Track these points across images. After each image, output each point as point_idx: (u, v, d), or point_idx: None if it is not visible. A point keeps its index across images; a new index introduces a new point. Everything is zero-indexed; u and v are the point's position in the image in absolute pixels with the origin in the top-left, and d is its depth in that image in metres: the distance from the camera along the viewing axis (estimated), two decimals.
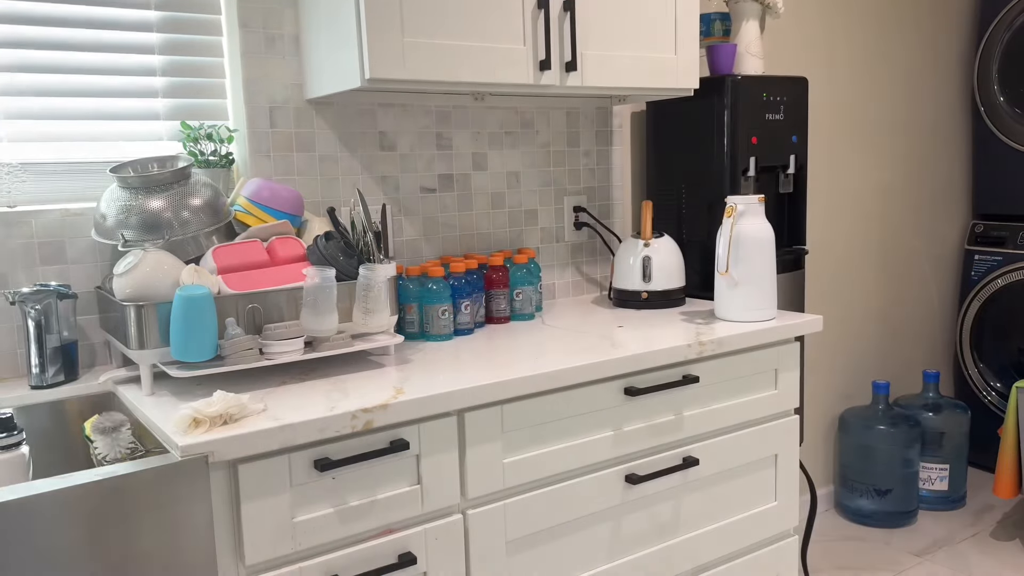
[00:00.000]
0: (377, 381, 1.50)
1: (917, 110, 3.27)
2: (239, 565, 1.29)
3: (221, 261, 1.56)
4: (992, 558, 2.68)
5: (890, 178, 3.21)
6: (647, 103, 2.41)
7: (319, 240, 1.65)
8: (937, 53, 3.31)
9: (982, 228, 3.36)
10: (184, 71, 1.85)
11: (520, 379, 1.51)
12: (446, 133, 2.13)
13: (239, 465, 1.26)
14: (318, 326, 1.53)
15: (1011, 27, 3.19)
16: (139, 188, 1.59)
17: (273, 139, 1.89)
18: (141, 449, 1.45)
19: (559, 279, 2.37)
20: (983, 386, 3.32)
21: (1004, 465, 2.66)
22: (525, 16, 1.82)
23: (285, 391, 1.46)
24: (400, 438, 1.40)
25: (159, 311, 1.44)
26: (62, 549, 1.13)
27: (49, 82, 1.71)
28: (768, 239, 1.87)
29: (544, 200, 2.31)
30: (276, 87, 1.88)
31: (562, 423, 1.59)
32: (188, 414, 1.25)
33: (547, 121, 2.29)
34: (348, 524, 1.37)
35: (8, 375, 1.65)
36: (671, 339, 1.75)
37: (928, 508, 3.06)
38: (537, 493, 1.57)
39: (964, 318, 3.37)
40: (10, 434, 1.41)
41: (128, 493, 1.17)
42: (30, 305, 1.57)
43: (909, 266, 3.34)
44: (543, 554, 1.61)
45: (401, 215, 2.08)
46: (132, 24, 1.77)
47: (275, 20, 1.86)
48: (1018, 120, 3.20)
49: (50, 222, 1.67)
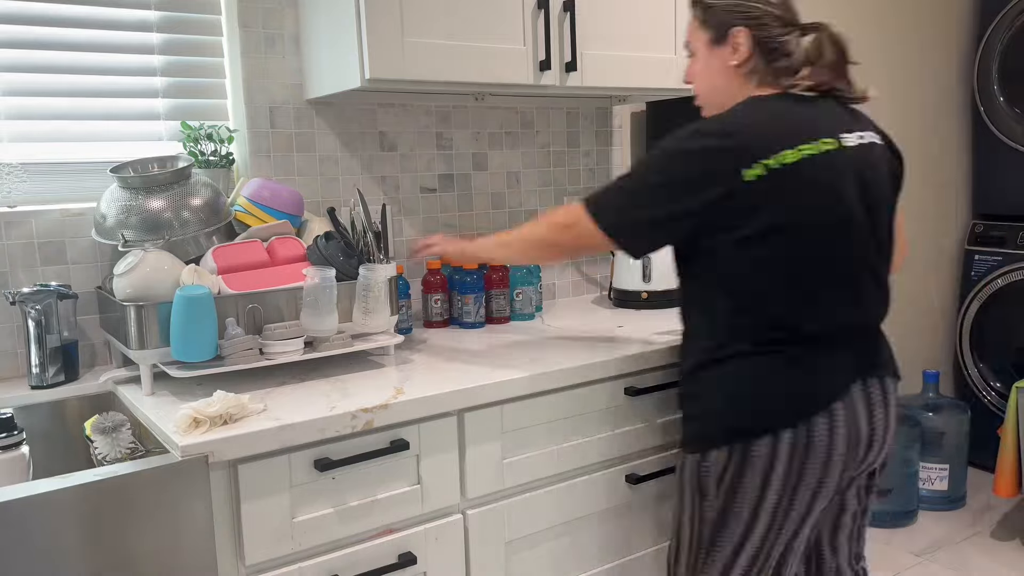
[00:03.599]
0: (377, 381, 1.50)
1: (917, 110, 3.27)
2: (239, 565, 1.29)
3: (221, 261, 1.56)
4: (992, 558, 2.68)
5: None
6: (647, 103, 2.41)
7: (319, 240, 1.65)
8: (937, 53, 3.31)
9: (982, 228, 3.36)
10: (184, 71, 1.85)
11: (520, 379, 1.51)
12: (446, 133, 2.13)
13: (239, 465, 1.26)
14: (318, 326, 1.53)
15: (1011, 27, 3.19)
16: (139, 188, 1.59)
17: (273, 139, 1.89)
18: (141, 449, 1.45)
19: (559, 279, 2.37)
20: (983, 386, 3.31)
21: (1004, 465, 2.66)
22: (525, 16, 1.82)
23: (285, 391, 1.46)
24: (400, 438, 1.40)
25: (159, 311, 1.44)
26: (62, 549, 1.13)
27: (49, 82, 1.71)
28: None
29: (544, 200, 2.31)
30: (276, 87, 1.88)
31: (562, 423, 1.59)
32: (188, 414, 1.25)
33: (547, 121, 2.30)
34: (348, 524, 1.37)
35: (8, 375, 1.65)
36: (672, 339, 1.75)
37: (928, 508, 3.06)
38: (537, 493, 1.57)
39: (964, 318, 3.37)
40: (10, 434, 1.41)
41: (128, 493, 1.17)
42: (30, 305, 1.57)
43: (909, 266, 3.34)
44: (543, 554, 1.61)
45: (401, 215, 2.08)
46: (132, 24, 1.77)
47: (275, 20, 1.86)
48: (1018, 120, 3.20)
49: (50, 222, 1.67)
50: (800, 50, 1.41)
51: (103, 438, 1.44)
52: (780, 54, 1.41)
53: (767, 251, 1.34)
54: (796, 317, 1.36)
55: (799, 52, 1.41)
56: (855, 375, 1.39)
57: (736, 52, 1.43)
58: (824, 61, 1.40)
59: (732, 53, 1.43)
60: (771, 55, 1.42)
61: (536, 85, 1.86)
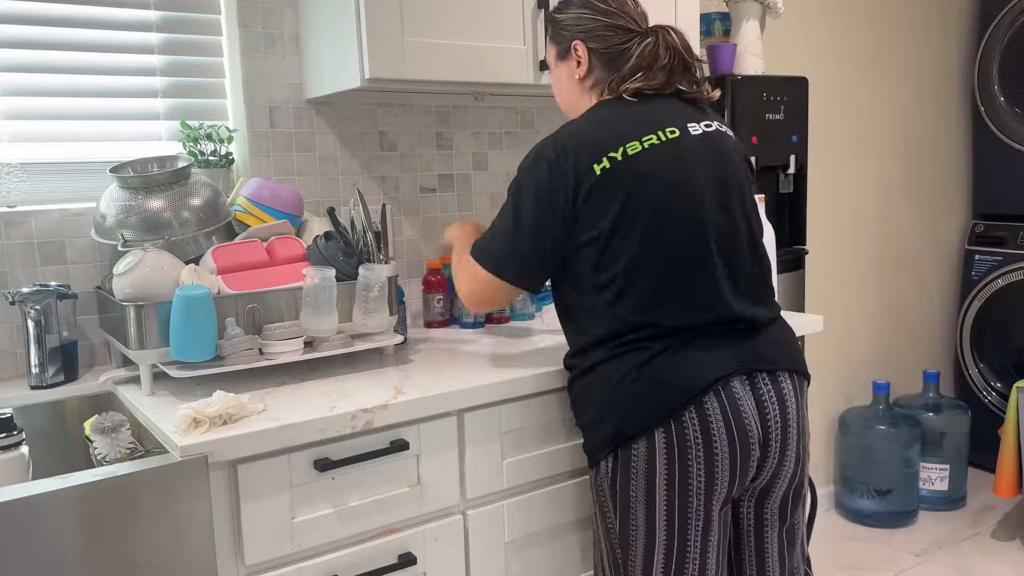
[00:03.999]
0: (377, 381, 1.50)
1: (917, 110, 3.27)
2: (239, 565, 1.29)
3: (221, 261, 1.56)
4: (992, 558, 2.68)
5: (890, 178, 3.20)
6: None
7: (319, 240, 1.64)
8: (937, 53, 3.31)
9: (982, 228, 3.36)
10: (184, 71, 1.85)
11: (519, 379, 1.51)
12: (446, 133, 2.13)
13: (239, 465, 1.26)
14: (318, 326, 1.53)
15: (1011, 27, 3.19)
16: (139, 188, 1.59)
17: (273, 139, 1.89)
18: (141, 449, 1.45)
19: None
20: (983, 386, 3.32)
21: (1004, 465, 2.66)
22: (525, 16, 1.82)
23: (285, 391, 1.45)
24: (400, 438, 1.40)
25: (159, 311, 1.44)
26: (62, 549, 1.12)
27: (49, 82, 1.70)
28: (768, 239, 1.87)
29: None
30: (276, 87, 1.88)
31: (562, 423, 1.59)
32: (188, 414, 1.25)
33: (547, 121, 2.29)
34: (348, 524, 1.37)
35: (8, 375, 1.65)
36: None
37: (928, 508, 3.06)
38: (537, 493, 1.57)
39: (964, 318, 3.37)
40: (10, 434, 1.41)
41: (128, 493, 1.17)
42: (30, 305, 1.57)
43: (909, 266, 3.34)
44: (543, 554, 1.60)
45: (401, 215, 2.08)
46: (132, 24, 1.77)
47: (275, 20, 1.86)
48: (1018, 120, 3.20)
49: (50, 222, 1.66)
50: (637, 55, 1.44)
51: (103, 438, 1.44)
52: (623, 61, 1.45)
53: (617, 248, 1.35)
54: (651, 314, 1.35)
55: (637, 57, 1.44)
56: (733, 370, 1.34)
57: (579, 65, 1.49)
58: (659, 64, 1.43)
59: (576, 66, 1.49)
60: (612, 63, 1.46)
61: (536, 85, 1.86)
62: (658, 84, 1.43)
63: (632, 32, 1.45)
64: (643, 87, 1.42)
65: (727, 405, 1.33)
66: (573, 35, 1.48)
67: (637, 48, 1.44)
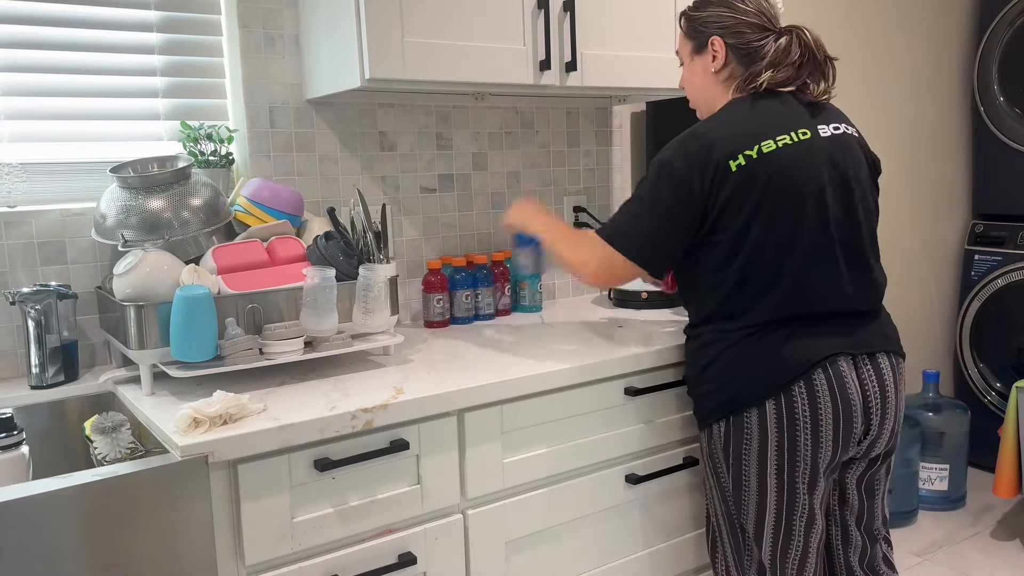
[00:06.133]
0: (377, 381, 1.50)
1: (917, 110, 3.27)
2: (239, 565, 1.29)
3: (221, 261, 1.56)
4: (992, 558, 2.68)
5: (890, 178, 3.20)
6: (647, 103, 2.41)
7: (319, 240, 1.65)
8: (937, 53, 3.31)
9: (982, 228, 3.36)
10: (184, 71, 1.85)
11: (520, 379, 1.51)
12: (446, 133, 2.13)
13: (239, 465, 1.26)
14: (318, 326, 1.53)
15: (1011, 27, 3.19)
16: (139, 188, 1.59)
17: (273, 139, 1.89)
18: (141, 449, 1.45)
19: (559, 279, 2.37)
20: (983, 386, 3.31)
21: (1004, 465, 2.66)
22: (525, 16, 1.82)
23: (285, 391, 1.46)
24: (400, 438, 1.40)
25: (159, 311, 1.44)
26: (62, 549, 1.13)
27: (49, 82, 1.71)
28: None
29: (544, 200, 2.31)
30: (276, 87, 1.88)
31: (562, 423, 1.59)
32: (188, 414, 1.25)
33: (547, 121, 2.30)
34: (348, 524, 1.37)
35: (8, 375, 1.65)
36: (671, 339, 1.75)
37: (928, 508, 3.06)
38: (537, 493, 1.57)
39: (964, 318, 3.37)
40: (10, 434, 1.41)
41: (128, 493, 1.17)
42: (30, 305, 1.57)
43: (909, 266, 3.34)
44: (543, 554, 1.61)
45: (401, 215, 2.08)
46: (132, 24, 1.77)
47: (275, 20, 1.86)
48: (1018, 120, 3.20)
49: (50, 222, 1.67)
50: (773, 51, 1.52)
51: (103, 438, 1.44)
52: (758, 58, 1.54)
53: (745, 240, 1.46)
54: (771, 301, 1.47)
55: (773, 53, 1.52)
56: (840, 350, 1.48)
57: (715, 59, 1.57)
58: (790, 59, 1.52)
59: (712, 60, 1.57)
60: (748, 59, 1.54)
61: (536, 85, 1.86)
62: (784, 78, 1.52)
63: (768, 30, 1.54)
64: (773, 81, 1.52)
65: (834, 381, 1.46)
66: (711, 31, 1.56)
67: (772, 45, 1.53)
